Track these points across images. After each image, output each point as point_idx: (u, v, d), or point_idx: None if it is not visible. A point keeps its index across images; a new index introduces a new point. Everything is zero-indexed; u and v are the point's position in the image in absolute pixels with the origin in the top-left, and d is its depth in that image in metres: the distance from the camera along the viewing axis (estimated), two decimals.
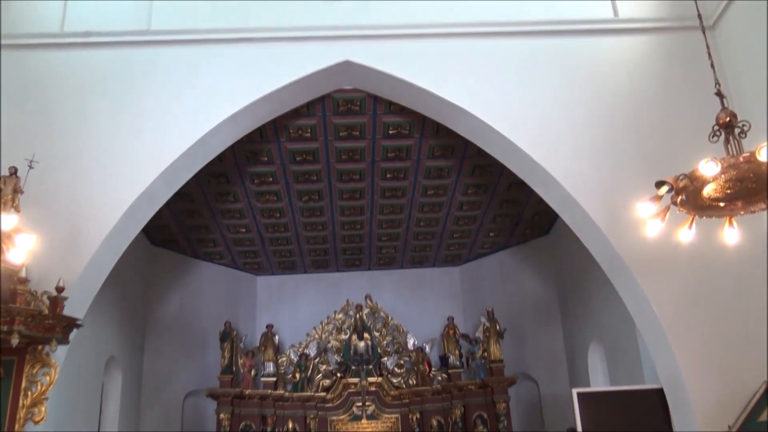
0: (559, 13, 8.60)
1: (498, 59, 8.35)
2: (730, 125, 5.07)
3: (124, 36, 8.29)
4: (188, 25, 8.38)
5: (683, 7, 8.17)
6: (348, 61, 8.25)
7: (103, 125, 7.85)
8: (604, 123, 8.08)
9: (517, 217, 12.91)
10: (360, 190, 11.62)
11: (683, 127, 7.88)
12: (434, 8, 8.54)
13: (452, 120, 8.51)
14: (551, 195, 8.27)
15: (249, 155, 10.25)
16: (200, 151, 8.03)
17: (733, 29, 8.07)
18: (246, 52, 8.27)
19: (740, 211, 5.27)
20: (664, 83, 8.28)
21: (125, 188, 7.59)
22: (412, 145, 10.30)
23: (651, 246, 6.87)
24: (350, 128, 9.81)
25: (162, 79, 8.12)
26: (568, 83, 8.26)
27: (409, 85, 8.24)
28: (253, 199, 11.61)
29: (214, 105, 7.99)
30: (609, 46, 8.49)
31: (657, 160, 7.66)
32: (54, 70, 8.11)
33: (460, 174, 11.17)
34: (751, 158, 4.65)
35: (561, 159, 7.92)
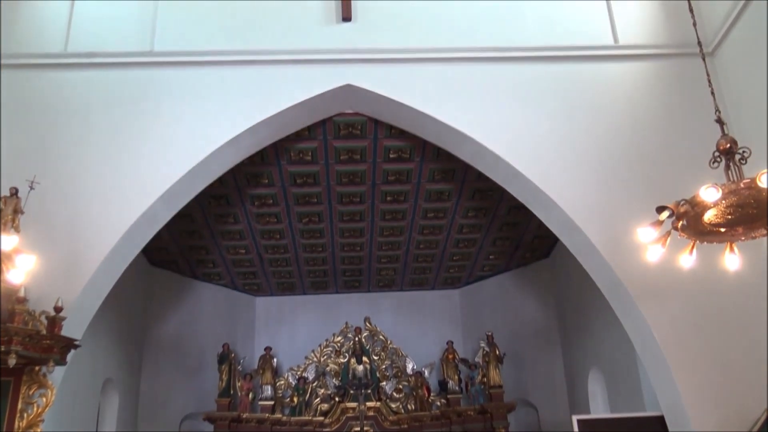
0: (560, 39, 8.67)
1: (499, 84, 8.40)
2: (730, 152, 5.09)
3: (127, 57, 8.35)
4: (191, 46, 8.44)
5: (683, 33, 8.24)
6: (349, 84, 8.30)
7: (104, 146, 7.88)
8: (604, 147, 8.11)
9: (517, 241, 12.90)
10: (360, 212, 11.62)
11: (684, 152, 7.92)
12: (435, 33, 8.62)
13: (453, 144, 8.54)
14: (551, 219, 8.27)
15: (250, 177, 10.26)
16: (201, 173, 8.04)
17: (733, 56, 8.12)
18: (248, 75, 8.32)
19: (741, 237, 5.28)
20: (665, 109, 8.33)
21: (125, 209, 7.60)
22: (412, 168, 10.32)
23: (652, 271, 6.86)
24: (351, 151, 9.83)
25: (164, 101, 8.15)
26: (568, 108, 8.30)
27: (409, 109, 8.28)
28: (253, 221, 11.61)
29: (215, 127, 8.02)
30: (609, 71, 8.55)
31: (658, 185, 7.68)
32: (57, 91, 8.15)
33: (461, 197, 11.18)
34: (751, 184, 4.66)
35: (561, 183, 7.94)
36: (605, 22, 8.85)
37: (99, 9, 8.69)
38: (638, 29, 8.80)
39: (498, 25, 8.72)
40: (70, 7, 8.64)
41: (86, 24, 8.60)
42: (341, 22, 8.64)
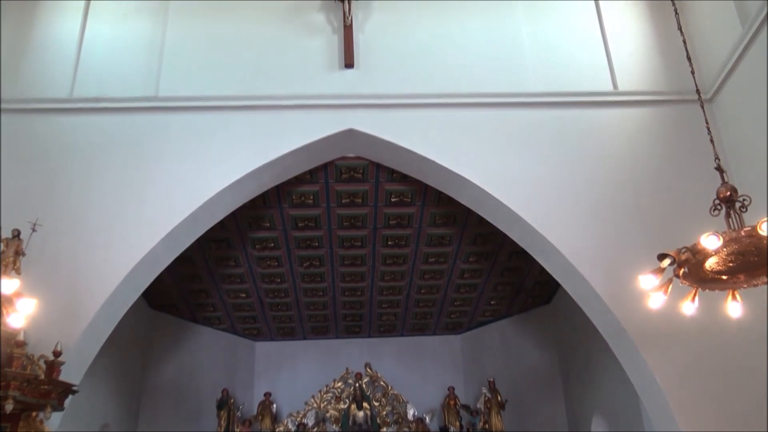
0: (560, 85, 8.77)
1: (499, 129, 8.46)
2: (730, 200, 5.10)
3: (132, 102, 8.44)
4: (195, 92, 8.54)
5: (682, 80, 8.33)
6: (351, 129, 8.37)
7: (107, 189, 7.92)
8: (605, 193, 8.13)
9: (518, 286, 12.86)
10: (361, 256, 11.61)
11: (684, 198, 7.94)
12: (436, 79, 8.71)
13: (454, 188, 8.57)
14: (552, 264, 8.26)
15: (251, 221, 10.28)
16: (203, 216, 8.07)
17: (732, 102, 8.20)
18: (251, 119, 8.40)
19: (743, 285, 5.26)
20: (665, 155, 8.37)
21: (126, 252, 7.60)
22: (413, 212, 10.34)
23: (654, 318, 6.82)
24: (352, 195, 9.87)
25: (167, 145, 8.22)
26: (569, 153, 8.35)
27: (411, 153, 8.34)
28: (254, 265, 11.60)
29: (218, 171, 8.06)
30: (609, 117, 8.62)
31: (659, 231, 7.69)
32: (62, 135, 8.22)
33: (462, 242, 11.18)
34: (752, 232, 4.66)
35: (562, 228, 7.94)
36: (605, 68, 8.96)
37: (105, 55, 8.82)
38: (637, 76, 8.90)
39: (499, 71, 8.82)
40: (77, 53, 8.77)
41: (92, 69, 8.72)
42: (344, 68, 8.76)
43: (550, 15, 9.32)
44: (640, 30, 9.21)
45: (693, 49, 8.69)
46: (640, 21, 9.28)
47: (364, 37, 9.01)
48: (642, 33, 9.19)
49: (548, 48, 9.06)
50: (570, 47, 9.08)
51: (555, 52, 9.03)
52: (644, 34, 9.18)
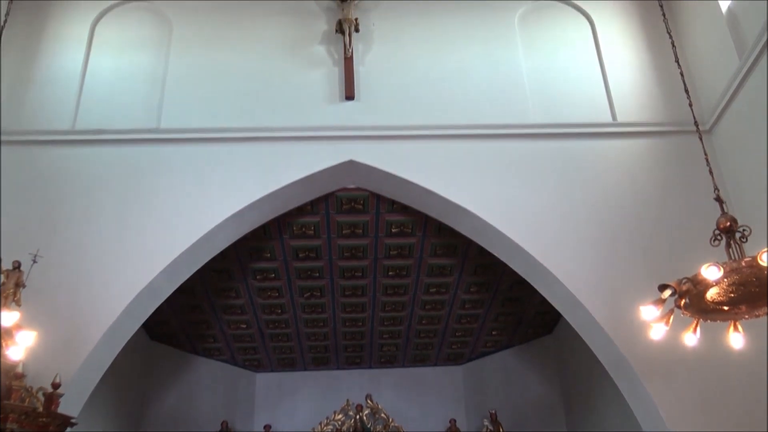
0: (559, 116, 8.83)
1: (499, 160, 8.50)
2: (730, 230, 5.11)
3: (134, 134, 8.50)
4: (197, 123, 8.60)
5: (680, 111, 8.39)
6: (352, 160, 8.42)
7: (108, 220, 7.94)
8: (605, 223, 8.15)
9: (519, 316, 12.81)
10: (362, 287, 11.59)
11: (685, 228, 7.95)
12: (436, 110, 8.78)
13: (454, 219, 8.59)
14: (554, 295, 8.24)
15: (252, 251, 10.28)
16: (204, 247, 8.07)
17: (731, 133, 8.25)
18: (252, 151, 8.44)
19: (744, 315, 5.24)
20: (665, 185, 8.40)
21: (127, 284, 7.59)
22: (414, 243, 10.34)
23: (657, 348, 6.77)
24: (353, 226, 9.88)
25: (169, 176, 8.25)
26: (569, 184, 8.38)
27: (411, 184, 8.37)
28: (255, 295, 11.57)
29: (219, 202, 8.09)
30: (609, 148, 8.66)
31: (660, 261, 7.70)
32: (64, 166, 8.26)
33: (463, 272, 11.17)
34: (753, 263, 4.66)
35: (563, 259, 7.94)
36: (603, 100, 9.04)
37: (107, 87, 8.91)
38: (636, 107, 8.97)
39: (499, 103, 8.89)
40: (80, 86, 8.85)
41: (95, 101, 8.80)
42: (344, 100, 8.83)
43: (549, 47, 9.42)
44: (639, 62, 9.30)
45: (691, 81, 8.78)
46: (638, 53, 9.37)
47: (365, 70, 9.10)
48: (640, 64, 9.27)
49: (547, 79, 9.14)
50: (569, 79, 9.16)
51: (554, 83, 9.11)
52: (642, 66, 9.26)
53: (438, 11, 9.58)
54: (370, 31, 9.40)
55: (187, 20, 9.40)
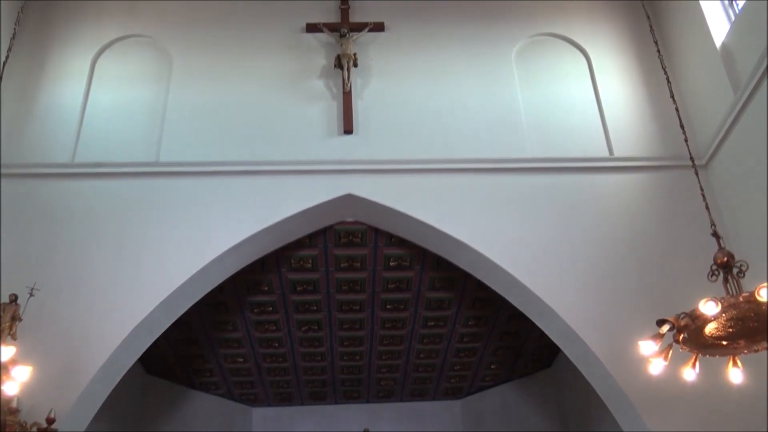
0: (556, 151, 8.87)
1: (497, 194, 8.52)
2: (728, 265, 5.12)
3: (133, 167, 8.53)
4: (196, 157, 8.63)
5: (677, 146, 8.43)
6: (350, 194, 8.44)
7: (106, 253, 7.92)
8: (603, 257, 8.15)
9: (518, 350, 12.75)
10: (360, 320, 11.55)
11: (683, 262, 7.95)
12: (434, 145, 8.83)
13: (452, 253, 8.59)
14: (552, 328, 8.21)
15: (250, 285, 10.26)
16: (201, 281, 8.06)
17: (727, 167, 8.28)
18: (250, 184, 8.46)
19: (743, 350, 5.23)
20: (662, 219, 8.41)
21: (124, 317, 7.56)
22: (412, 276, 10.33)
23: (656, 382, 6.72)
24: (351, 259, 9.87)
25: (167, 210, 8.26)
26: (566, 218, 8.39)
27: (409, 218, 8.38)
28: (252, 329, 11.52)
29: (217, 235, 8.08)
30: (605, 182, 8.69)
31: (658, 296, 7.69)
32: (63, 199, 8.27)
33: (461, 306, 11.14)
34: (750, 298, 4.67)
35: (561, 293, 7.93)
36: (600, 134, 9.08)
37: (107, 121, 8.97)
38: (633, 142, 9.01)
39: (496, 137, 8.93)
40: (80, 119, 8.91)
41: (94, 135, 8.85)
42: (343, 134, 8.89)
43: (546, 82, 9.50)
44: (635, 96, 9.37)
45: (687, 115, 8.85)
46: (634, 88, 9.45)
47: (363, 104, 9.17)
48: (636, 99, 9.35)
49: (544, 114, 9.21)
50: (566, 113, 9.23)
51: (551, 118, 9.18)
52: (638, 101, 9.33)
53: (435, 46, 9.69)
54: (368, 66, 9.50)
55: (187, 54, 9.49)
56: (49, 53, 9.43)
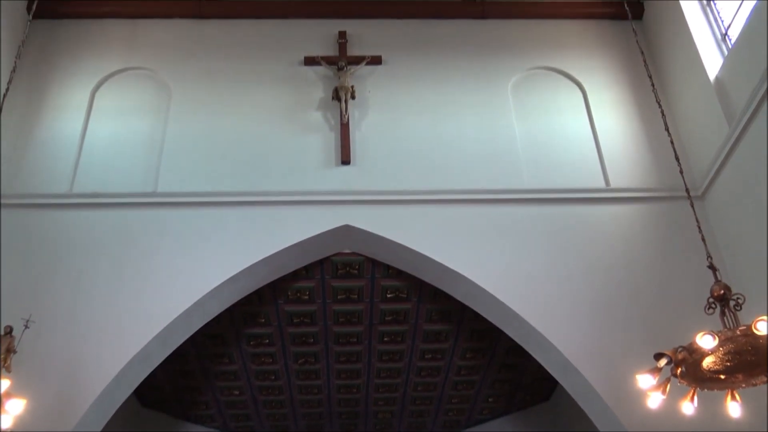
0: (553, 182, 8.90)
1: (494, 225, 8.53)
2: (724, 298, 5.11)
3: (131, 198, 8.53)
4: (193, 188, 8.64)
5: (673, 177, 8.44)
6: (347, 225, 8.43)
7: (102, 284, 7.89)
8: (600, 289, 8.13)
9: (516, 383, 12.66)
10: (357, 353, 11.48)
11: (680, 294, 7.93)
12: (431, 176, 8.85)
13: (449, 284, 8.57)
14: (550, 361, 8.17)
15: (246, 317, 10.22)
16: (198, 313, 8.02)
17: (723, 199, 8.31)
18: (248, 215, 8.46)
19: (741, 384, 5.20)
20: (659, 251, 8.41)
21: (119, 349, 7.51)
22: (410, 308, 10.30)
23: (654, 415, 6.65)
24: (348, 291, 9.85)
25: (164, 240, 8.25)
26: (564, 249, 8.39)
27: (407, 249, 8.37)
28: (249, 361, 11.44)
29: (214, 266, 8.06)
30: (602, 214, 8.69)
31: (656, 327, 7.66)
32: (60, 230, 8.26)
33: (458, 338, 11.09)
34: (747, 331, 4.65)
35: (559, 325, 7.90)
36: (596, 165, 9.11)
37: (105, 151, 8.98)
38: (629, 173, 9.04)
39: (493, 169, 8.96)
40: (78, 150, 8.94)
41: (92, 166, 8.86)
42: (340, 165, 8.91)
43: (542, 114, 9.56)
44: (630, 128, 9.43)
45: (682, 147, 8.92)
46: (630, 120, 9.51)
47: (361, 135, 9.21)
48: (632, 131, 9.40)
49: (541, 146, 9.25)
50: (562, 145, 9.27)
51: (547, 149, 9.22)
52: (634, 133, 9.39)
53: (432, 79, 9.77)
54: (366, 98, 9.56)
55: (186, 86, 9.55)
56: (49, 85, 9.49)
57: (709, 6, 9.19)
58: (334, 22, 10.21)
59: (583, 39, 10.29)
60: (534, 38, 10.24)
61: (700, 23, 9.14)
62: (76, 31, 10.00)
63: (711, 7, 9.17)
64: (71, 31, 9.99)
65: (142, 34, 10.07)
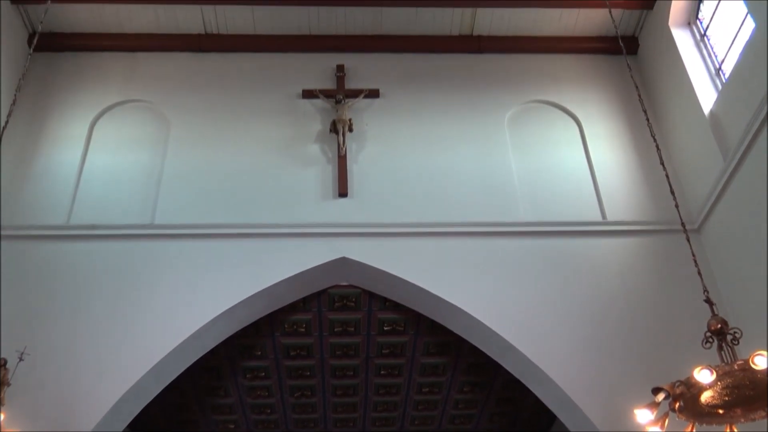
0: (549, 215, 8.92)
1: (491, 258, 8.52)
2: (721, 332, 5.09)
3: (128, 229, 8.52)
4: (190, 220, 8.65)
5: (669, 211, 8.41)
6: (344, 257, 8.42)
7: (98, 317, 7.85)
8: (598, 323, 8.10)
9: (514, 417, 12.56)
10: (354, 386, 11.41)
11: (677, 327, 7.90)
12: (429, 208, 8.87)
13: (446, 317, 8.54)
14: (548, 395, 8.11)
15: (242, 349, 10.17)
16: (194, 345, 7.97)
17: (719, 232, 8.33)
18: (245, 247, 8.45)
19: (740, 419, 5.14)
20: (656, 284, 8.40)
21: (114, 382, 7.44)
22: (407, 341, 10.26)
23: None
24: (345, 324, 9.82)
25: (161, 272, 8.22)
26: (561, 282, 8.37)
27: (404, 282, 8.35)
28: (245, 395, 11.35)
29: (211, 299, 8.04)
30: (599, 247, 8.69)
31: (653, 361, 7.62)
32: (57, 261, 8.24)
33: (456, 371, 11.03)
34: (745, 366, 4.62)
35: (556, 358, 7.86)
36: (593, 198, 9.14)
37: (103, 184, 9.00)
38: (625, 206, 9.06)
39: (490, 201, 8.99)
40: (76, 181, 8.96)
41: (90, 197, 8.87)
42: (338, 197, 8.93)
43: (538, 147, 9.62)
44: (626, 162, 9.47)
45: (678, 181, 8.96)
46: (626, 153, 9.55)
47: (358, 168, 9.25)
48: (628, 165, 9.44)
49: (537, 179, 9.28)
50: (558, 178, 9.31)
51: (544, 182, 9.25)
52: (630, 166, 9.43)
53: (429, 112, 9.84)
54: (363, 131, 9.62)
55: (185, 119, 9.60)
56: (48, 117, 9.54)
57: (703, 41, 9.31)
58: (333, 55, 10.32)
59: (579, 73, 10.40)
60: (530, 72, 10.35)
61: (694, 58, 9.25)
62: (76, 64, 10.09)
63: (705, 42, 9.29)
64: (71, 64, 10.08)
65: (142, 67, 10.16)
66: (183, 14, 10.08)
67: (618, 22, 9.93)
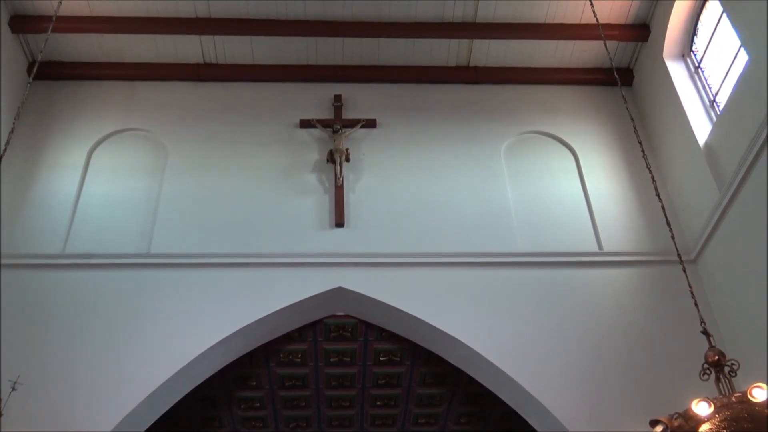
0: (546, 245, 8.92)
1: (488, 288, 8.51)
2: (719, 364, 5.08)
3: (124, 258, 8.50)
4: (187, 249, 8.63)
5: (665, 241, 8.47)
6: (341, 287, 8.40)
7: (93, 346, 7.80)
8: (595, 353, 8.06)
9: None
10: (349, 417, 11.30)
11: (675, 358, 7.87)
12: (425, 239, 8.87)
13: (443, 348, 8.50)
14: (546, 427, 8.03)
15: (237, 379, 10.09)
16: (189, 375, 7.91)
17: (715, 263, 8.34)
18: (241, 277, 8.43)
19: None
20: (653, 315, 8.37)
21: (107, 412, 7.37)
22: (403, 372, 10.19)
23: None
24: (341, 354, 9.76)
25: (156, 302, 8.19)
26: (557, 313, 8.35)
27: (400, 312, 8.32)
28: (239, 425, 11.25)
29: (206, 328, 7.99)
30: (596, 277, 8.69)
31: (651, 393, 7.59)
32: (52, 290, 8.20)
33: (453, 402, 10.94)
34: (743, 398, 4.60)
35: (553, 390, 7.80)
36: (589, 229, 9.16)
37: (100, 212, 8.99)
38: (622, 237, 9.07)
39: (486, 232, 8.99)
40: (72, 211, 8.95)
41: (86, 226, 8.86)
42: (334, 227, 8.93)
43: (535, 178, 9.66)
44: (622, 193, 9.51)
45: (674, 212, 8.98)
46: (622, 185, 9.59)
47: (355, 198, 9.26)
48: (624, 196, 9.47)
49: (534, 209, 9.31)
50: (555, 208, 9.33)
51: (540, 213, 9.27)
52: (626, 197, 9.46)
53: (426, 142, 9.89)
54: (360, 161, 9.65)
55: (182, 148, 9.62)
56: (46, 145, 9.56)
57: (697, 73, 9.40)
58: (330, 85, 10.38)
59: (575, 104, 10.48)
60: (526, 103, 10.43)
61: (688, 90, 9.34)
62: (75, 93, 10.14)
63: (699, 74, 9.38)
64: (70, 93, 10.13)
65: (140, 96, 10.21)
66: (182, 44, 10.16)
67: (613, 54, 10.05)
